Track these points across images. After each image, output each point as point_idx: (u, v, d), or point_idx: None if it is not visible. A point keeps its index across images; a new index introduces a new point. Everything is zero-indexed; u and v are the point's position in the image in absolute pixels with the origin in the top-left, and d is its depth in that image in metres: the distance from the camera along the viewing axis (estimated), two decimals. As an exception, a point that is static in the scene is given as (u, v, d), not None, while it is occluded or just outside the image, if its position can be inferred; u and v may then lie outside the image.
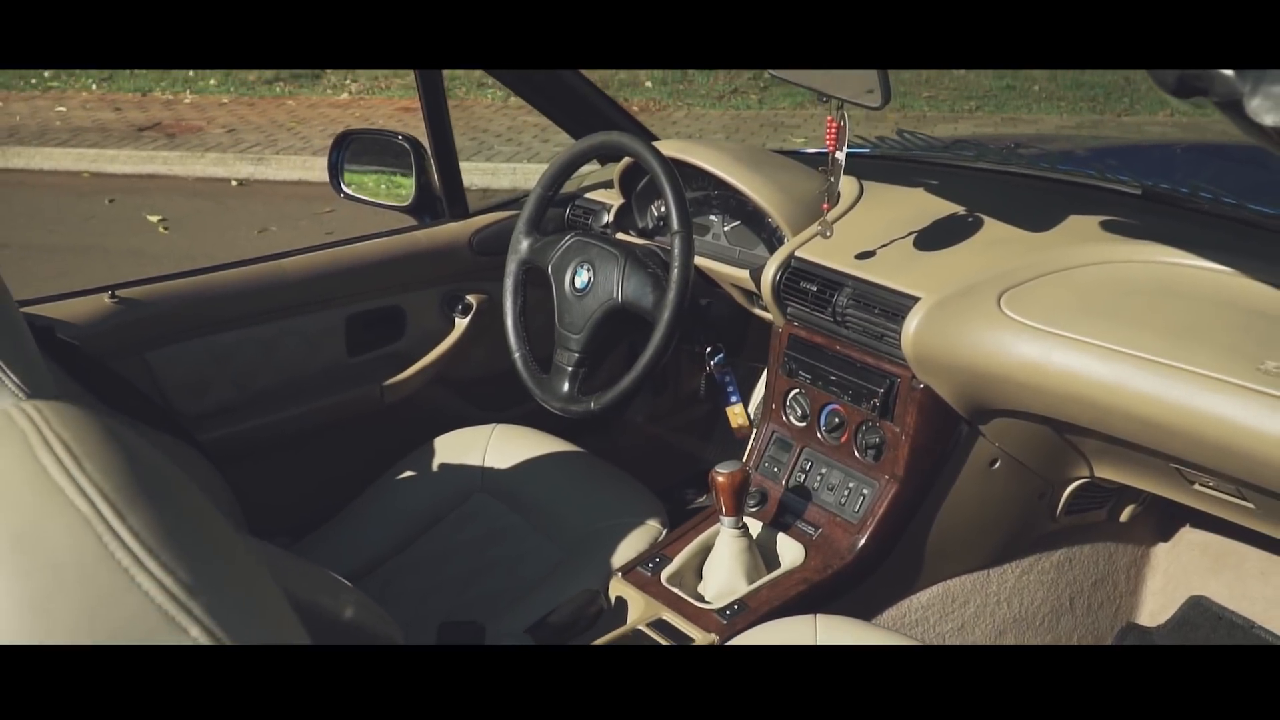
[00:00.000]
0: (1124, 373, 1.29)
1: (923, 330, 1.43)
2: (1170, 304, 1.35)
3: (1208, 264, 1.39)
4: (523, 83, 2.02)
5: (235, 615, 0.53)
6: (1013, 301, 1.40)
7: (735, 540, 1.51)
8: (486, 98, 7.34)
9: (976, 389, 1.44)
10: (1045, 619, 1.73)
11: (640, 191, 1.92)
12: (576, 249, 1.71)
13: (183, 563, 0.52)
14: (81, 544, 0.51)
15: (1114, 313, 1.35)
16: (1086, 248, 1.47)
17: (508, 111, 6.97)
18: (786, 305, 1.62)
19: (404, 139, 2.01)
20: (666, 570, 1.53)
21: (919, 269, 1.50)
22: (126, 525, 0.52)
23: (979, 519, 1.61)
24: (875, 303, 1.49)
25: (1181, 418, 1.25)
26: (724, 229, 1.83)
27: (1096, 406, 1.32)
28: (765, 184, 1.70)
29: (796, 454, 1.65)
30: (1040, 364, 1.35)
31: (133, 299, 1.64)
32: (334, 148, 2.08)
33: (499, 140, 6.34)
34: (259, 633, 0.54)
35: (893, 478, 1.52)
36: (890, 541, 1.53)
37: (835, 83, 1.39)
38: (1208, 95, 0.85)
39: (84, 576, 0.50)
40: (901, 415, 1.50)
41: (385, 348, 1.96)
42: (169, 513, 0.54)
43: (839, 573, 1.51)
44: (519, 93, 2.05)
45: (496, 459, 1.80)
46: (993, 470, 1.57)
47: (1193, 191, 1.68)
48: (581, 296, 1.68)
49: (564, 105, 2.05)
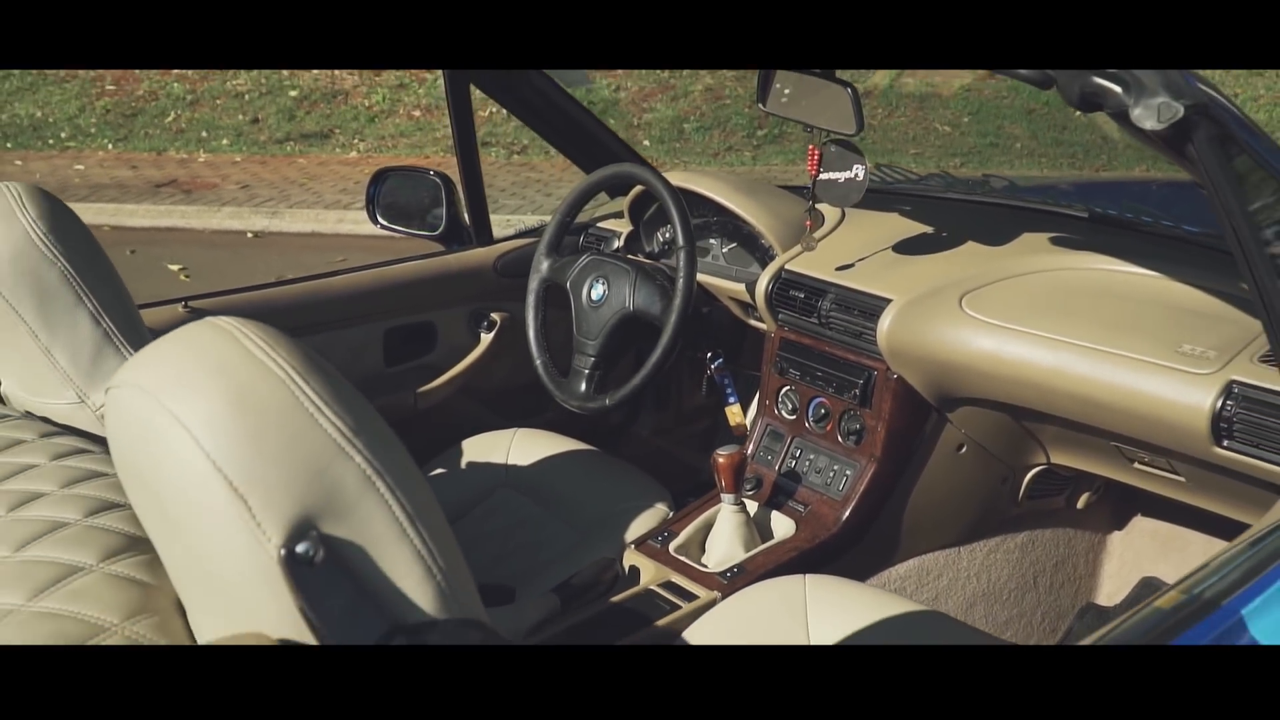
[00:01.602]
0: (1066, 359, 1.51)
1: (895, 327, 1.66)
2: (1106, 303, 1.58)
3: (1139, 270, 1.62)
4: (540, 121, 2.26)
5: (385, 452, 0.75)
6: (972, 302, 1.63)
7: (734, 515, 1.72)
8: (490, 155, 7.63)
9: (942, 378, 1.66)
10: (1011, 594, 1.94)
11: (648, 219, 2.15)
12: (592, 266, 1.94)
13: (348, 413, 0.74)
14: (281, 398, 0.73)
15: (1058, 310, 1.58)
16: (1036, 258, 1.71)
17: (511, 168, 7.27)
18: (778, 312, 1.85)
19: (435, 174, 2.25)
20: (674, 542, 1.73)
21: (892, 276, 1.73)
22: (309, 386, 0.74)
23: (949, 499, 1.82)
24: (854, 305, 1.72)
25: (1114, 395, 1.47)
26: (722, 251, 2.06)
27: (1044, 389, 1.55)
28: (758, 207, 1.93)
29: (788, 443, 1.86)
30: (995, 354, 1.58)
31: (202, 309, 1.86)
32: (371, 183, 2.31)
33: (503, 194, 6.62)
34: (402, 469, 0.75)
35: (871, 459, 1.74)
36: (870, 515, 1.74)
37: (816, 115, 1.64)
38: (1104, 108, 1.09)
39: (283, 419, 0.72)
40: (879, 403, 1.72)
41: (418, 359, 2.18)
42: (332, 380, 0.76)
43: (825, 543, 1.72)
44: (536, 129, 2.28)
45: (518, 458, 2.01)
46: (960, 455, 1.79)
47: (1135, 215, 1.92)
48: (597, 307, 1.91)
49: (577, 142, 2.29)
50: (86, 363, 1.30)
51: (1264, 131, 1.14)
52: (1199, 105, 1.03)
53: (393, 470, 0.74)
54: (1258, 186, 1.11)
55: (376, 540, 0.73)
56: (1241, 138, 1.07)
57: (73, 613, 0.87)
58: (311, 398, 0.73)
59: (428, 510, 0.76)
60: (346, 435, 0.73)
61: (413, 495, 0.75)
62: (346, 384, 0.79)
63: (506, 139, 7.71)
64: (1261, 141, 1.11)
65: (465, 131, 2.15)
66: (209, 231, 6.49)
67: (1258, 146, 1.10)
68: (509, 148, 7.65)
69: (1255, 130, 1.12)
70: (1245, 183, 1.10)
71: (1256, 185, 1.11)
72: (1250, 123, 1.11)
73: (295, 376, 0.74)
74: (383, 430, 0.77)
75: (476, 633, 0.76)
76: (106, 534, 0.97)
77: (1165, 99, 1.02)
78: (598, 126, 2.29)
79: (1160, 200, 2.14)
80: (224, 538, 0.71)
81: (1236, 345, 1.41)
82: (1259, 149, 1.10)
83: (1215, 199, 1.07)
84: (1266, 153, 1.11)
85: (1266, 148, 1.11)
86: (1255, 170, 1.12)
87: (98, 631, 0.86)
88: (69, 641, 0.85)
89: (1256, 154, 1.09)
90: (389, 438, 0.78)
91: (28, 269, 1.28)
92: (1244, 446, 1.37)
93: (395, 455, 0.76)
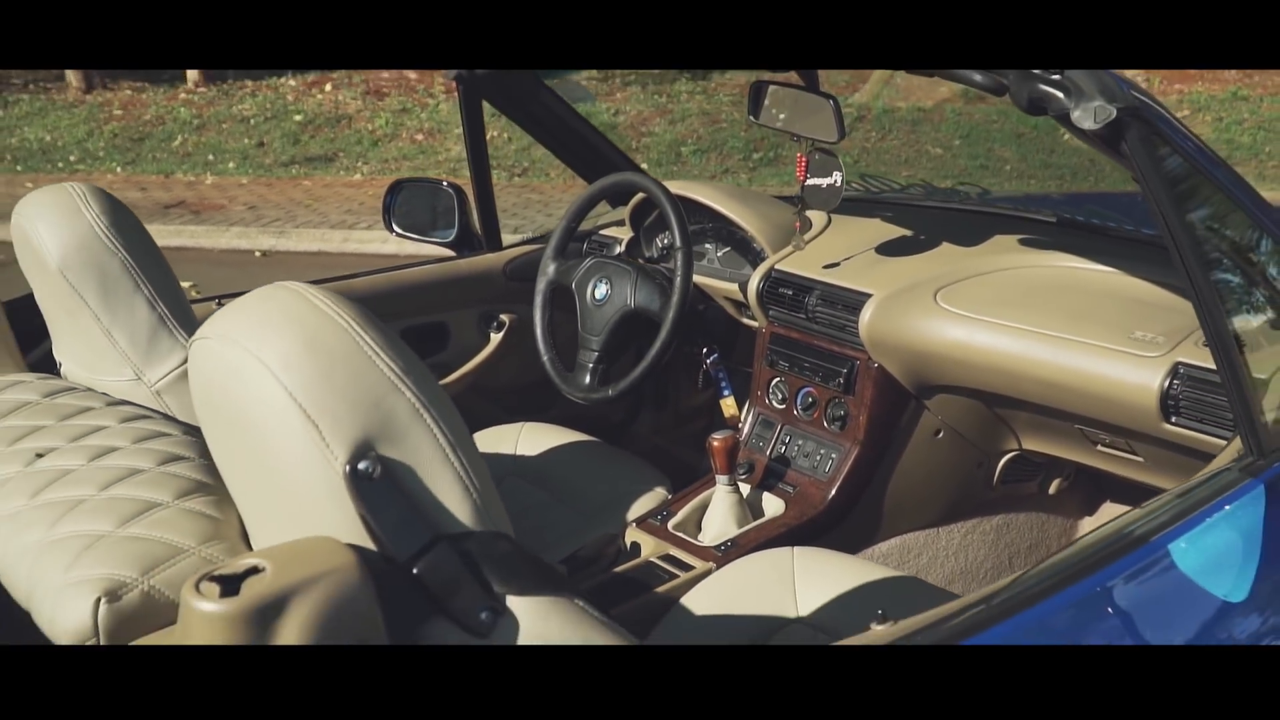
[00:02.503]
0: (1030, 346, 1.66)
1: (875, 319, 1.81)
2: (1067, 296, 1.73)
3: (1098, 267, 1.77)
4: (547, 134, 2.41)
5: (430, 390, 0.89)
6: (946, 296, 1.78)
7: (728, 495, 1.86)
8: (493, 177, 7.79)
9: (919, 366, 1.81)
10: (988, 573, 2.07)
11: (648, 226, 2.30)
12: (596, 268, 2.08)
13: (399, 357, 0.88)
14: (344, 342, 0.87)
15: (1022, 303, 1.72)
16: (1005, 256, 1.86)
17: (513, 189, 7.44)
18: (769, 308, 2.00)
19: (449, 185, 2.40)
20: (673, 520, 1.87)
21: (872, 274, 1.88)
22: (367, 334, 0.88)
23: (928, 482, 1.96)
24: (838, 300, 1.87)
25: (1074, 377, 1.62)
26: (717, 255, 2.21)
27: (1011, 374, 1.69)
28: (750, 213, 2.08)
29: (778, 430, 2.00)
30: (966, 343, 1.72)
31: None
32: (388, 193, 2.46)
33: (505, 214, 6.77)
34: (444, 405, 0.89)
35: (855, 442, 1.88)
36: (855, 494, 1.88)
37: (802, 125, 1.79)
38: (1048, 112, 1.24)
39: (346, 359, 0.86)
40: (861, 390, 1.86)
41: (431, 358, 2.32)
42: (385, 331, 0.90)
43: (813, 520, 1.85)
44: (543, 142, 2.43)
45: (526, 450, 2.15)
46: (937, 439, 1.93)
47: (1100, 220, 2.07)
48: (600, 306, 2.05)
49: (581, 154, 2.45)
50: (144, 343, 1.45)
51: (1193, 133, 1.29)
52: (1130, 108, 1.18)
53: (436, 405, 0.89)
54: (1187, 182, 1.26)
55: (424, 462, 0.87)
56: (1170, 136, 1.22)
57: (156, 537, 1.01)
58: (369, 343, 0.88)
59: (465, 440, 0.90)
60: (399, 374, 0.87)
61: (453, 426, 0.89)
62: (396, 336, 0.93)
63: (508, 161, 7.89)
64: (1189, 141, 1.26)
65: (477, 145, 2.30)
66: (217, 250, 6.65)
67: (1184, 145, 1.24)
68: (510, 170, 7.83)
69: (1183, 131, 1.26)
70: (1176, 179, 1.25)
71: (1186, 181, 1.26)
72: (1178, 124, 1.26)
73: (355, 326, 0.88)
74: (427, 374, 0.92)
75: (505, 544, 0.90)
76: (178, 479, 1.11)
77: (1100, 102, 1.17)
78: (600, 140, 2.44)
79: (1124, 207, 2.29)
80: (298, 457, 0.85)
81: (1183, 331, 1.56)
82: (1186, 147, 1.25)
83: (1147, 192, 1.22)
84: (1194, 151, 1.26)
85: (1194, 147, 1.26)
86: (1185, 167, 1.27)
87: (177, 553, 1.00)
88: (154, 561, 0.99)
89: (1184, 152, 1.24)
90: (433, 380, 0.92)
91: (92, 259, 1.42)
92: (1190, 422, 1.51)
93: (438, 393, 0.90)
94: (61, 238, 1.42)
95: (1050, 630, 1.01)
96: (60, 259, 1.42)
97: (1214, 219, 1.35)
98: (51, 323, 1.56)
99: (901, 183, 2.50)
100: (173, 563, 0.98)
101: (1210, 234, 1.33)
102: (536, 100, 2.30)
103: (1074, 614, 1.02)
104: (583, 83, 8.95)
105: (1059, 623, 1.02)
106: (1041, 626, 1.00)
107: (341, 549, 0.83)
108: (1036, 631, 1.00)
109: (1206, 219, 1.31)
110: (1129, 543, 1.11)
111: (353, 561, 0.83)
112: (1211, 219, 1.35)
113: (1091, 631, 1.03)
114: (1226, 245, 1.37)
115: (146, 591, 0.95)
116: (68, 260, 1.42)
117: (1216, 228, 1.35)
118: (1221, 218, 1.34)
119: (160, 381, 1.44)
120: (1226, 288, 1.33)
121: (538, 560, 0.93)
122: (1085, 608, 1.02)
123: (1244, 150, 7.75)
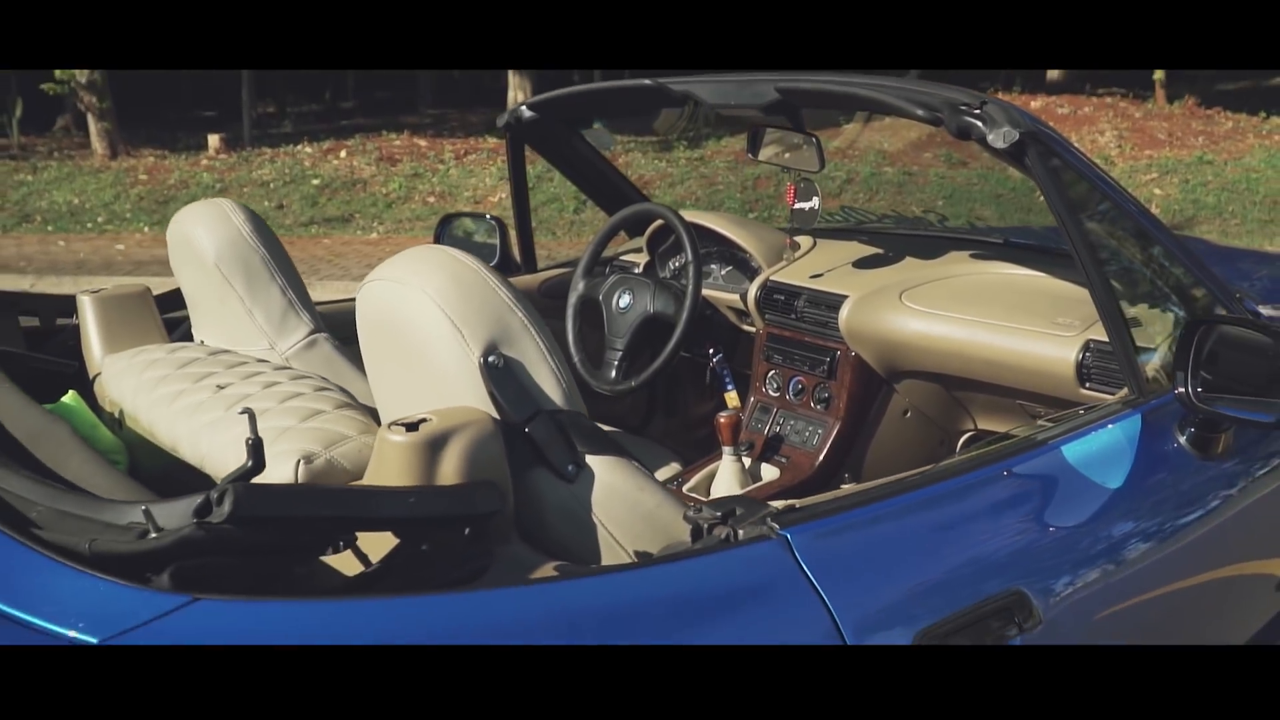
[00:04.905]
0: (976, 333, 2.07)
1: (852, 315, 2.22)
2: (1006, 294, 2.14)
3: (1033, 272, 2.19)
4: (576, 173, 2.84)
5: (533, 314, 1.30)
6: (910, 296, 2.19)
7: (733, 464, 2.25)
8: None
9: (888, 353, 2.21)
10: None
11: (662, 251, 2.72)
12: (620, 282, 2.49)
13: (511, 290, 1.29)
14: (477, 279, 1.28)
15: (972, 300, 2.13)
16: (958, 265, 2.27)
17: (522, 246, 7.89)
18: (765, 313, 2.41)
19: (491, 218, 2.82)
20: (686, 485, 2.26)
21: (849, 280, 2.29)
22: (491, 276, 1.29)
23: (898, 455, 2.35)
24: (821, 302, 2.28)
25: (1011, 355, 2.02)
26: (721, 273, 2.63)
27: (962, 356, 2.10)
28: (749, 235, 2.51)
29: (773, 414, 2.40)
30: (926, 332, 2.13)
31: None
32: (439, 225, 2.88)
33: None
34: (541, 325, 1.30)
35: (837, 419, 2.28)
36: (838, 461, 2.27)
37: (791, 159, 2.22)
38: (971, 137, 1.66)
39: (479, 290, 1.27)
40: (842, 375, 2.27)
41: None
42: (499, 274, 1.31)
43: (804, 482, 2.25)
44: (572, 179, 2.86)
45: None
46: (906, 419, 2.33)
47: (1038, 241, 2.49)
48: (624, 313, 2.45)
49: (604, 190, 2.88)
50: (277, 320, 1.85)
51: (1082, 152, 1.71)
52: (1030, 131, 1.60)
53: (536, 323, 1.29)
54: (1076, 188, 1.68)
55: (530, 360, 1.27)
56: (1061, 153, 1.64)
57: (329, 429, 1.41)
58: (492, 281, 1.29)
59: (555, 348, 1.30)
60: (511, 302, 1.28)
61: (547, 338, 1.30)
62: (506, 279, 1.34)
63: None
64: (1080, 159, 1.68)
65: (519, 182, 2.73)
66: (246, 302, 7.06)
67: (1075, 162, 1.66)
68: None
69: (1074, 151, 1.68)
70: (1069, 185, 1.66)
71: (1076, 187, 1.68)
72: (1068, 145, 1.68)
73: (482, 270, 1.29)
74: (529, 303, 1.32)
75: (585, 420, 1.30)
76: (330, 398, 1.51)
77: (1007, 128, 1.59)
78: (620, 179, 2.88)
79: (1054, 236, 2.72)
80: (448, 354, 1.25)
81: (1094, 318, 1.96)
82: (1076, 164, 1.66)
83: (1047, 196, 1.63)
84: (1083, 166, 1.68)
85: (1084, 163, 1.68)
86: (1079, 181, 1.69)
87: (344, 439, 1.39)
88: (331, 440, 1.38)
89: (1074, 166, 1.66)
90: (533, 308, 1.32)
91: (239, 255, 1.84)
92: (1100, 386, 1.91)
93: (538, 316, 1.30)
94: (216, 239, 1.84)
95: (962, 500, 1.39)
96: (216, 255, 1.83)
97: (1103, 218, 1.77)
98: (196, 308, 1.97)
99: (876, 214, 2.93)
100: (344, 443, 1.37)
101: (1100, 230, 1.75)
102: (569, 145, 2.73)
103: (981, 488, 1.41)
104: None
105: (970, 498, 1.41)
106: (953, 495, 1.39)
107: (479, 411, 1.23)
108: (951, 499, 1.38)
109: (1097, 218, 1.73)
110: (1030, 444, 1.51)
111: (487, 418, 1.23)
112: (1101, 218, 1.76)
113: (993, 499, 1.41)
114: (1115, 241, 1.79)
115: (329, 460, 1.34)
116: (221, 255, 1.83)
117: (1106, 226, 1.76)
118: (1110, 218, 1.76)
119: (290, 350, 1.85)
120: (1115, 274, 1.74)
121: (607, 433, 1.33)
122: (990, 482, 1.41)
123: (1208, 209, 8.25)
